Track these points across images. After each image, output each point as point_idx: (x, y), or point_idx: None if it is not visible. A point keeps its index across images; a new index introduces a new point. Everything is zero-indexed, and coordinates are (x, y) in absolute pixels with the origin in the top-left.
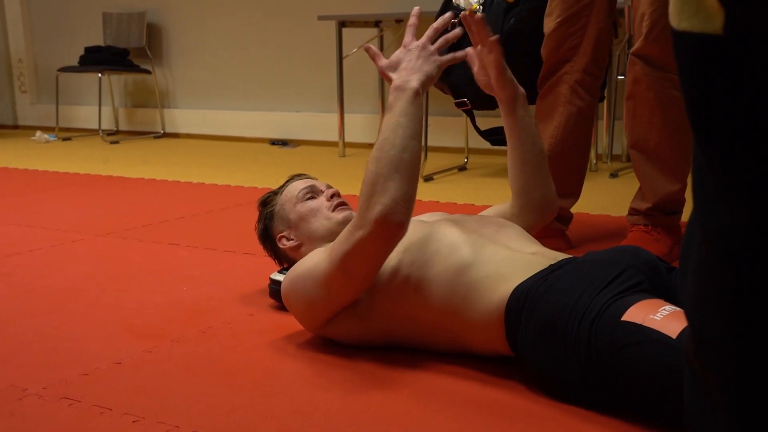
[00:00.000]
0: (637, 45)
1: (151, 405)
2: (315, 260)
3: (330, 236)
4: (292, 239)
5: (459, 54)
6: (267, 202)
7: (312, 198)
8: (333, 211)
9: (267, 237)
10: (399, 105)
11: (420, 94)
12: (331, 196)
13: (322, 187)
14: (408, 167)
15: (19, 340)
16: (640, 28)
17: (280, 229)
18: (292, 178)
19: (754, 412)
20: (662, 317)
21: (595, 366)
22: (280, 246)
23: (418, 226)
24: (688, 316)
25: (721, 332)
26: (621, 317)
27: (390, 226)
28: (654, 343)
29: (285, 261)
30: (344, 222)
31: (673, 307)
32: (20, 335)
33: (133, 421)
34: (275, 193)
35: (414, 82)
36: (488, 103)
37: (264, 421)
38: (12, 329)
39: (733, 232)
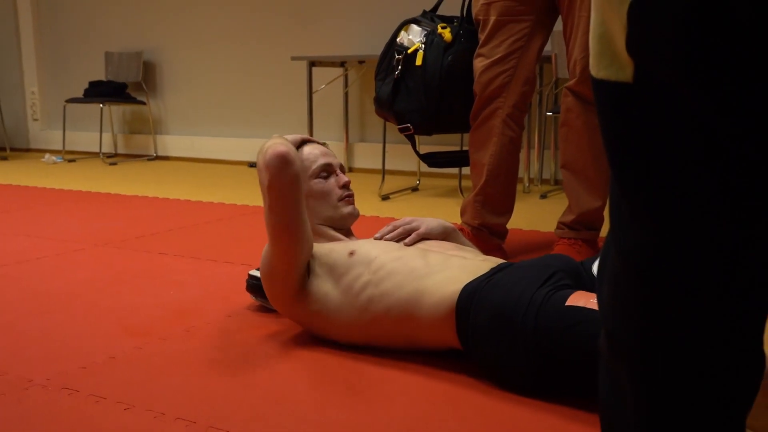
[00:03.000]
0: (571, 82)
1: (141, 394)
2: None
3: (330, 222)
4: None
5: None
6: None
7: (326, 177)
8: (340, 201)
9: None
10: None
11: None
12: (343, 185)
13: (337, 167)
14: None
15: (27, 336)
16: (574, 70)
17: None
18: (307, 142)
19: (658, 401)
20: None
21: (543, 350)
22: None
23: (390, 247)
24: (603, 319)
25: (631, 333)
26: (565, 303)
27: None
28: (599, 321)
29: None
30: (348, 216)
31: None
32: (27, 333)
33: (125, 409)
34: None
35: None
36: (428, 128)
37: (240, 408)
38: (20, 327)
39: (642, 249)
